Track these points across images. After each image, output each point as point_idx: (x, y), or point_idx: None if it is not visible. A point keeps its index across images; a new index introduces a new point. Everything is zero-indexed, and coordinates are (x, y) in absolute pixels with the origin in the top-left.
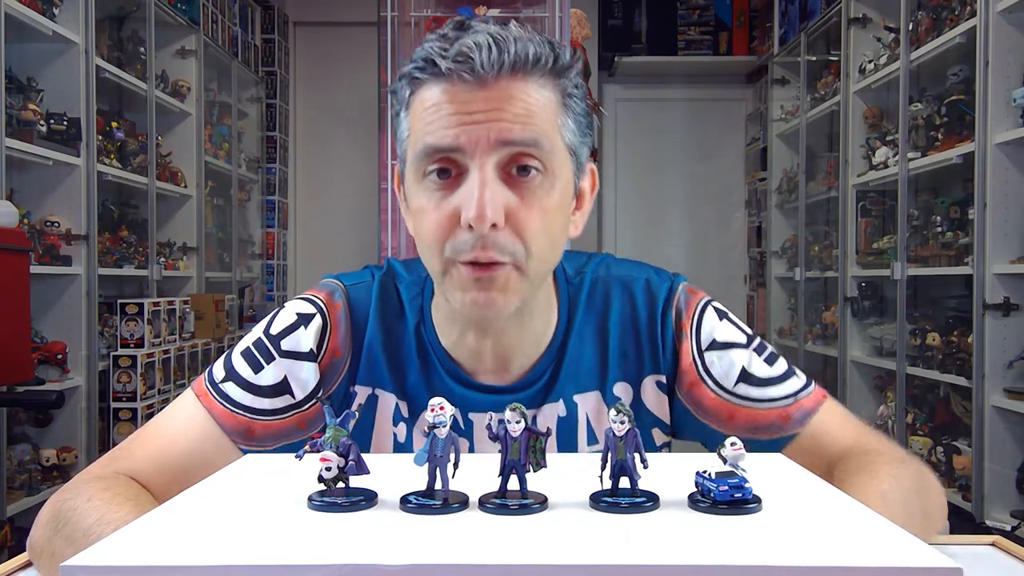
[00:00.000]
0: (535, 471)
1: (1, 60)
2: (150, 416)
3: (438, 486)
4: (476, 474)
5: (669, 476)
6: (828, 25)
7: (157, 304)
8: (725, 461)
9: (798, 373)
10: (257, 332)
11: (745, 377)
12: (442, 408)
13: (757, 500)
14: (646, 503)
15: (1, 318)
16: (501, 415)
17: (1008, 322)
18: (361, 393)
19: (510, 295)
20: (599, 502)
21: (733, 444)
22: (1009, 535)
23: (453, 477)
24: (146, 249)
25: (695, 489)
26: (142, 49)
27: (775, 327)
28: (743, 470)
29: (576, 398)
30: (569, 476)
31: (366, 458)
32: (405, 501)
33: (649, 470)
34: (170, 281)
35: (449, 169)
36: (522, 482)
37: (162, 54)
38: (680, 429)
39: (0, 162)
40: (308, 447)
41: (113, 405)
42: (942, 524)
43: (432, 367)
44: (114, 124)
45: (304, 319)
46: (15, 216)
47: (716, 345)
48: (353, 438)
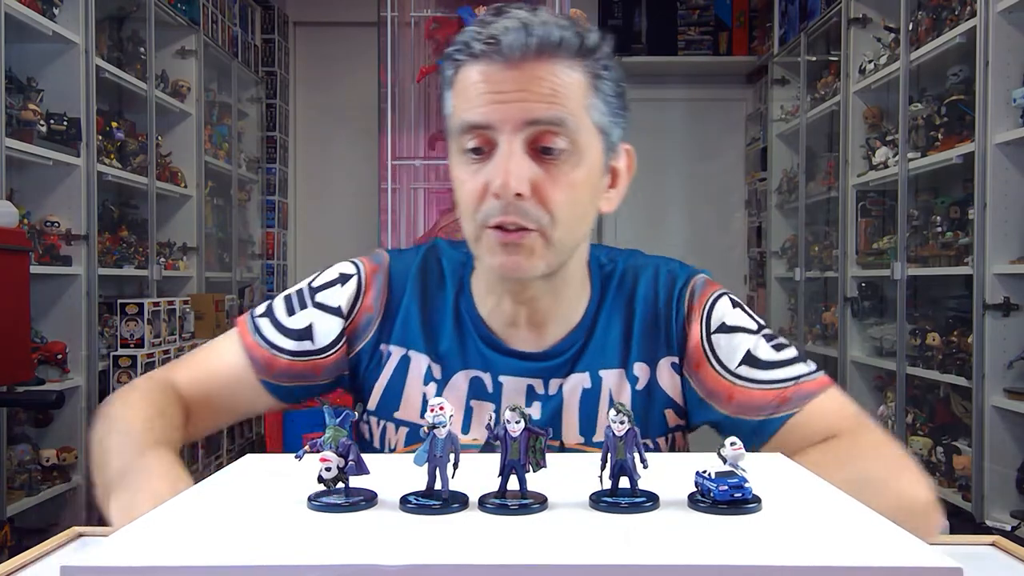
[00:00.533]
0: (535, 471)
1: (1, 60)
2: None
3: (438, 486)
4: (476, 474)
5: (669, 476)
6: (828, 25)
7: (157, 304)
8: (725, 461)
9: (807, 361)
10: (302, 283)
11: (749, 360)
12: (442, 408)
13: (757, 500)
14: (646, 503)
15: (1, 318)
16: (507, 412)
17: (1008, 322)
18: (395, 353)
19: (535, 260)
20: (599, 502)
21: (733, 444)
22: (1009, 535)
23: (453, 477)
24: (146, 249)
25: (695, 489)
26: (142, 49)
27: (775, 327)
28: (743, 470)
29: (601, 373)
30: (569, 476)
31: (366, 458)
32: (405, 501)
33: (649, 470)
34: (170, 281)
35: (483, 148)
36: (522, 482)
37: (162, 54)
38: (690, 412)
39: (0, 162)
40: (308, 447)
41: None
42: (921, 519)
43: (467, 332)
44: (114, 124)
45: (343, 278)
46: (15, 216)
47: (724, 328)
48: (386, 399)
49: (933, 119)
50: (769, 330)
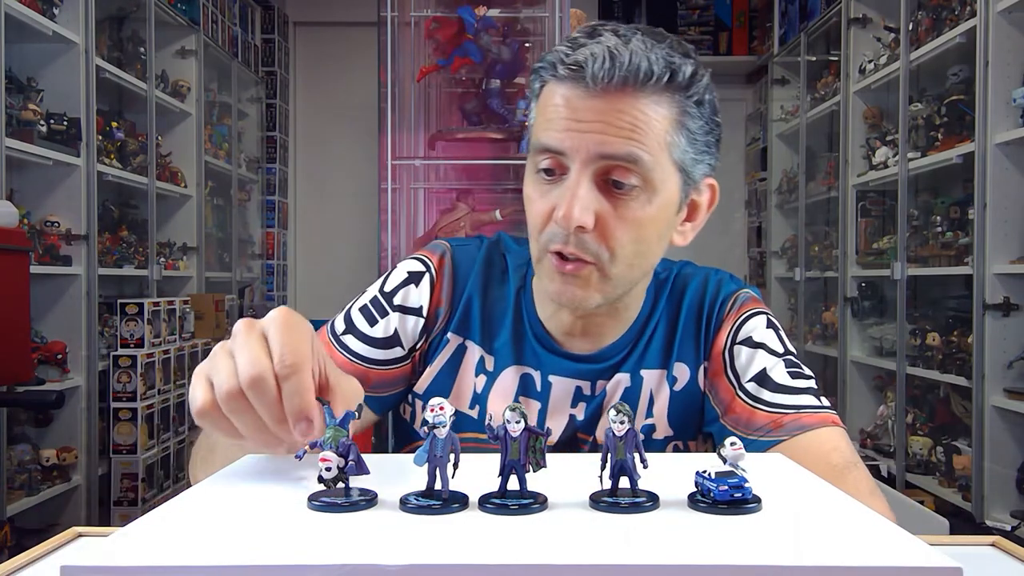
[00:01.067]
0: (535, 471)
1: (1, 60)
2: (150, 416)
3: (438, 486)
4: (476, 474)
5: (669, 476)
6: (828, 25)
7: (157, 304)
8: (725, 461)
9: (820, 397)
10: (373, 291)
11: (760, 378)
12: (442, 408)
13: (757, 500)
14: (646, 503)
15: (1, 318)
16: (507, 412)
17: (1008, 322)
18: (452, 341)
19: (591, 292)
20: (599, 502)
21: (733, 444)
22: (1009, 535)
23: (453, 477)
24: (146, 249)
25: (695, 489)
26: (142, 49)
27: None
28: (743, 470)
29: (643, 372)
30: (569, 476)
31: (366, 458)
32: (405, 501)
33: (649, 470)
34: (170, 281)
35: (554, 170)
36: (522, 482)
37: (162, 54)
38: (705, 416)
39: (0, 162)
40: (308, 447)
41: (113, 405)
42: None
43: (524, 330)
44: (114, 124)
45: (415, 277)
46: (15, 216)
47: (749, 343)
48: (437, 385)
49: (933, 119)
50: (795, 359)
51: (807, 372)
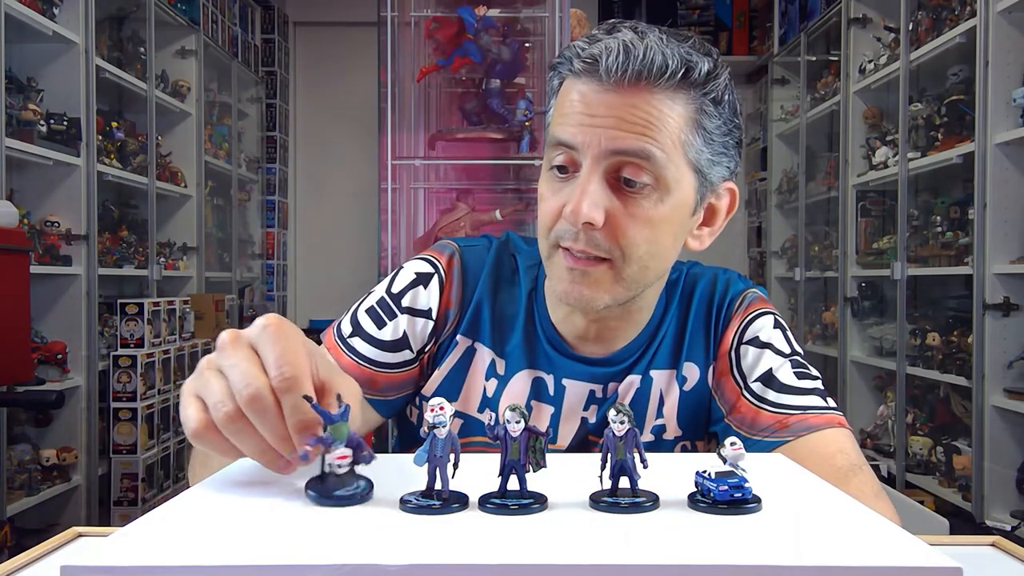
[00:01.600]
0: (535, 471)
1: (1, 60)
2: (150, 416)
3: (438, 486)
4: (476, 474)
5: (669, 476)
6: (828, 25)
7: (157, 304)
8: (725, 461)
9: (826, 399)
10: (380, 291)
11: (766, 378)
12: (442, 408)
13: (757, 500)
14: (646, 503)
15: (1, 318)
16: (507, 412)
17: (1008, 322)
18: (461, 343)
19: (601, 292)
20: (599, 502)
21: (733, 444)
22: (1009, 535)
23: (453, 477)
24: (146, 249)
25: (695, 489)
26: (142, 49)
27: None
28: (743, 470)
29: (652, 373)
30: (569, 476)
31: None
32: (405, 501)
33: (649, 470)
34: (170, 281)
35: (567, 167)
36: (522, 482)
37: (162, 54)
38: (711, 416)
39: (0, 162)
40: (310, 445)
41: (113, 405)
42: None
43: (536, 333)
44: (114, 124)
45: (423, 278)
46: (15, 216)
47: (756, 343)
48: (446, 388)
49: (933, 119)
50: (802, 359)
51: (813, 373)
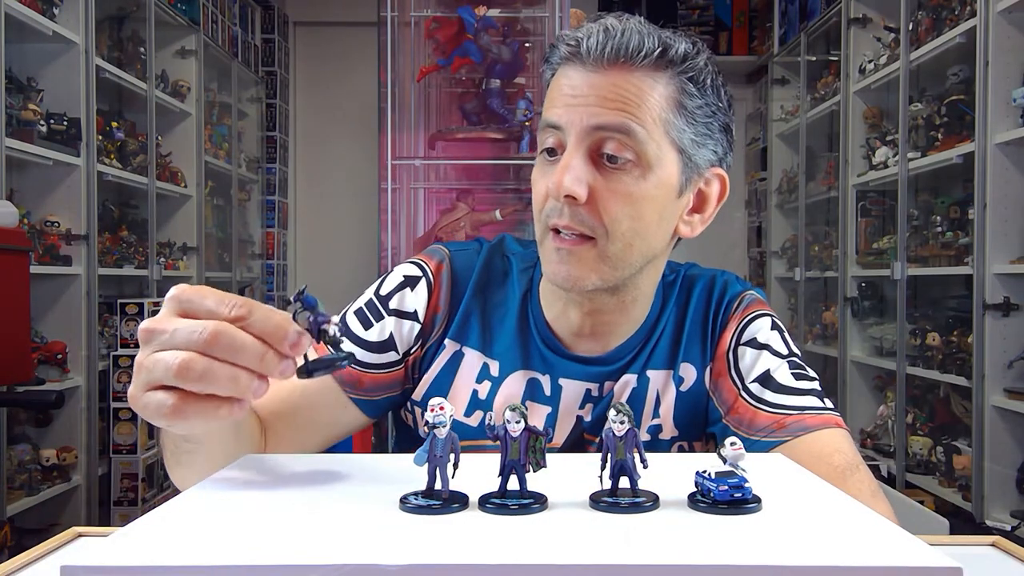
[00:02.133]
0: (535, 471)
1: (1, 60)
2: None
3: (438, 486)
4: (476, 474)
5: (669, 476)
6: (828, 25)
7: (157, 304)
8: (725, 461)
9: (824, 399)
10: (368, 294)
11: (764, 379)
12: (442, 408)
13: (757, 500)
14: (646, 503)
15: (1, 318)
16: (507, 412)
17: (1008, 322)
18: (449, 347)
19: (587, 271)
20: (599, 502)
21: (733, 444)
22: (1009, 535)
23: (453, 477)
24: (146, 249)
25: (695, 489)
26: (142, 49)
27: None
28: (743, 470)
29: (649, 372)
30: (569, 476)
31: (366, 458)
32: (405, 501)
33: (649, 470)
34: (170, 281)
35: (556, 149)
36: (522, 482)
37: (162, 54)
38: (708, 416)
39: (0, 162)
40: (295, 301)
41: (113, 405)
42: None
43: (530, 334)
44: (114, 124)
45: (411, 281)
46: (15, 216)
47: (754, 344)
48: (434, 392)
49: (933, 119)
50: (799, 360)
51: (811, 374)
